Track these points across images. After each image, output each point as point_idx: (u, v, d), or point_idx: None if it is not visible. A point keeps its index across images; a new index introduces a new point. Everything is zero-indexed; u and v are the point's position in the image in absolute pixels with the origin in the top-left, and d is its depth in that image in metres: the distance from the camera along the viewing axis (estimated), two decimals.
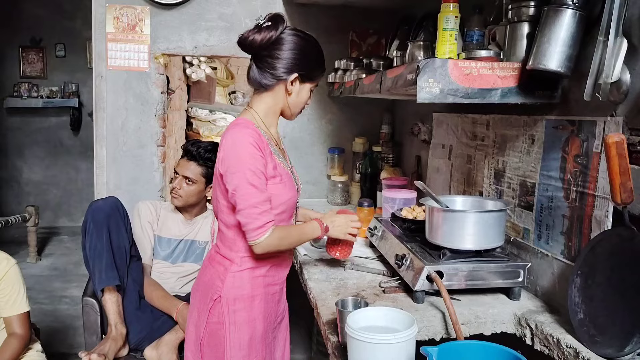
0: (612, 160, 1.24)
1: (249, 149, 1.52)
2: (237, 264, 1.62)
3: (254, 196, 1.50)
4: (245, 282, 1.62)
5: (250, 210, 1.50)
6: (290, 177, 1.67)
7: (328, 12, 3.02)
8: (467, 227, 1.65)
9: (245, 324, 1.63)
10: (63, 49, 6.50)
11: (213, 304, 1.63)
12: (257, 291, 1.64)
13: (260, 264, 1.64)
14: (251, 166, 1.51)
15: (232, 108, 5.17)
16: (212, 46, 2.95)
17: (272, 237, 1.53)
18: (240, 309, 1.62)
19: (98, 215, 2.18)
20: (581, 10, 1.42)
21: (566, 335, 1.41)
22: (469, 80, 1.52)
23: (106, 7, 2.81)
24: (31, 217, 5.14)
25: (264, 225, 1.51)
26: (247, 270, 1.62)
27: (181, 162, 2.34)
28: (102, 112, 2.89)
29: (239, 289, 1.62)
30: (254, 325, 1.64)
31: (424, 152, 2.67)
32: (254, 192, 1.50)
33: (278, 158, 1.64)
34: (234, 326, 1.61)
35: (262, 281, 1.66)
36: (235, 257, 1.62)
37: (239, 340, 1.62)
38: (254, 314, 1.64)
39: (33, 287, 4.27)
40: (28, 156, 6.56)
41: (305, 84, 1.64)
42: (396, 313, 1.26)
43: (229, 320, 1.61)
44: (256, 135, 1.55)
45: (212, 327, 1.64)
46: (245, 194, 1.50)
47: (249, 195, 1.50)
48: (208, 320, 1.64)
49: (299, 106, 1.68)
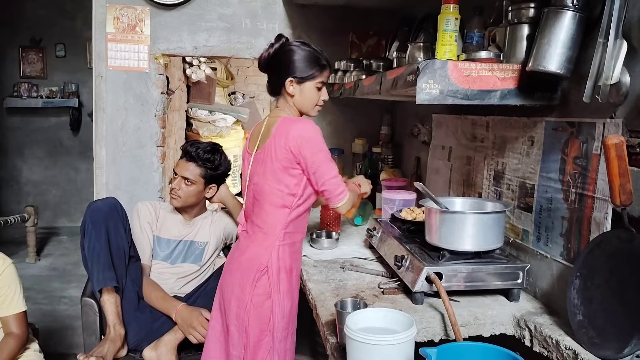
0: (611, 162, 1.24)
1: (321, 136, 1.78)
2: (280, 238, 1.79)
3: (335, 169, 1.78)
4: (286, 255, 1.80)
5: (334, 180, 1.76)
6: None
7: (328, 13, 3.02)
8: (466, 229, 1.65)
9: (288, 293, 1.80)
10: (63, 49, 6.50)
11: (260, 276, 1.77)
12: (294, 264, 1.84)
13: (296, 239, 1.85)
14: (325, 148, 1.78)
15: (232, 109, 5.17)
16: (212, 47, 2.95)
17: (349, 198, 1.81)
18: (283, 279, 1.79)
19: (96, 216, 2.17)
20: (581, 12, 1.42)
21: (565, 337, 1.41)
22: (469, 82, 1.52)
23: (106, 7, 2.81)
24: (30, 217, 5.13)
25: (344, 191, 1.79)
26: (288, 244, 1.81)
27: (180, 162, 2.34)
28: (101, 113, 2.89)
29: (283, 261, 1.79)
30: (292, 295, 1.82)
31: (424, 153, 2.68)
32: (334, 167, 1.78)
33: None
34: (279, 295, 1.78)
35: (297, 257, 1.87)
36: (280, 233, 1.79)
37: (283, 308, 1.78)
38: (292, 285, 1.83)
39: (32, 287, 4.27)
40: (28, 156, 6.55)
41: (304, 84, 1.81)
42: (395, 314, 1.25)
43: (274, 290, 1.77)
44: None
45: (257, 299, 1.77)
46: (329, 168, 1.76)
47: (332, 169, 1.77)
48: (254, 293, 1.77)
49: (309, 103, 1.85)
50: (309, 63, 1.81)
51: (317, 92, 1.84)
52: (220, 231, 2.45)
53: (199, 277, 2.38)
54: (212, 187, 2.38)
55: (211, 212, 2.51)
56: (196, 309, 2.18)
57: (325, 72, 1.84)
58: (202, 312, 2.16)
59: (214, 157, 2.33)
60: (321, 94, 1.86)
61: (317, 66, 1.81)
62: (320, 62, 1.82)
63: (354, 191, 1.93)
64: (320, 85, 1.84)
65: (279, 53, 1.83)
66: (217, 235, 2.44)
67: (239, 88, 6.17)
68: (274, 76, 1.86)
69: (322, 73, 1.83)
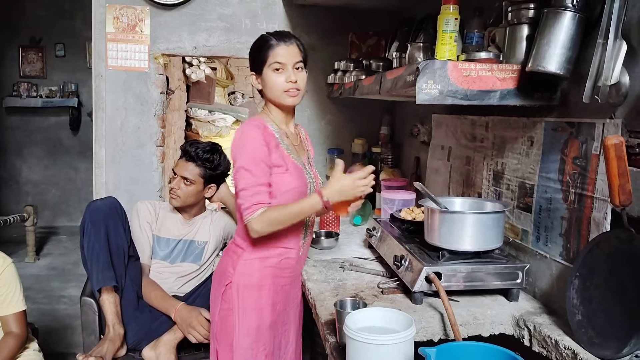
0: (610, 162, 1.24)
1: (251, 139, 1.64)
2: (247, 251, 1.72)
3: (248, 179, 1.61)
4: (254, 271, 1.72)
5: (243, 192, 1.62)
6: (298, 170, 1.74)
7: (328, 13, 3.02)
8: (465, 229, 1.65)
9: (253, 311, 1.72)
10: (63, 49, 6.50)
11: (225, 290, 1.74)
12: (265, 281, 1.73)
13: (271, 254, 1.73)
14: (250, 153, 1.63)
15: (232, 108, 5.16)
16: (212, 47, 2.95)
17: (262, 217, 1.60)
18: (248, 296, 1.71)
19: (96, 216, 2.18)
20: (581, 12, 1.42)
21: (564, 337, 1.41)
22: (468, 82, 1.52)
23: (106, 7, 2.81)
24: (30, 217, 5.13)
25: (252, 206, 1.60)
26: (258, 259, 1.72)
27: (179, 162, 2.34)
28: (101, 112, 2.89)
29: (249, 277, 1.72)
30: (261, 313, 1.73)
31: (423, 153, 2.68)
32: (248, 176, 1.61)
33: (287, 151, 1.73)
34: (243, 311, 1.71)
35: (271, 272, 1.74)
36: (246, 246, 1.72)
37: (247, 326, 1.71)
38: (261, 303, 1.73)
39: (31, 287, 4.27)
40: (27, 156, 6.56)
41: (262, 73, 1.71)
42: (394, 314, 1.26)
43: (237, 305, 1.71)
44: (262, 127, 1.67)
45: (223, 314, 1.74)
46: (241, 177, 1.62)
47: (244, 178, 1.62)
48: (221, 307, 1.75)
49: (274, 91, 1.71)
50: (258, 50, 1.71)
51: (277, 76, 1.68)
52: (219, 231, 2.45)
53: (199, 276, 2.38)
54: (212, 187, 2.38)
55: (211, 212, 2.51)
56: (195, 309, 2.18)
57: (276, 49, 1.67)
58: (201, 312, 2.16)
59: (214, 157, 2.33)
60: (285, 75, 1.67)
61: (265, 48, 1.68)
62: (267, 43, 1.68)
63: (300, 209, 1.63)
64: (278, 66, 1.67)
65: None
66: (217, 235, 2.44)
67: (238, 88, 6.16)
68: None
69: (273, 52, 1.67)
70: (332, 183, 1.64)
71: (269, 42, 1.69)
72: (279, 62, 1.67)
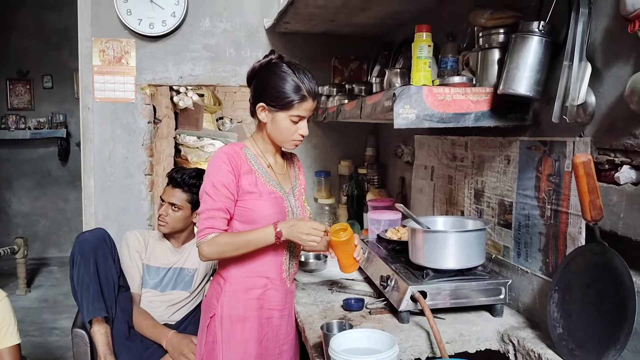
0: (580, 180, 1.29)
1: (217, 164, 1.65)
2: (229, 282, 1.71)
3: (206, 203, 1.64)
4: (239, 303, 1.70)
5: (200, 216, 1.65)
6: (275, 197, 1.71)
7: (310, 39, 3.09)
8: (448, 247, 1.69)
9: (237, 345, 1.69)
10: (50, 80, 6.55)
11: (209, 322, 1.72)
12: (250, 313, 1.71)
13: (255, 285, 1.71)
14: (213, 178, 1.64)
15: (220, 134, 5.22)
16: (198, 76, 3.00)
17: (212, 242, 1.62)
18: (232, 328, 1.69)
19: (85, 247, 2.20)
20: (547, 36, 1.49)
21: (547, 350, 1.45)
22: (444, 106, 1.58)
23: (92, 40, 2.86)
24: (20, 249, 5.12)
25: (204, 229, 1.63)
26: (241, 290, 1.70)
27: (167, 189, 2.38)
28: (89, 144, 2.92)
29: (233, 309, 1.70)
30: (245, 346, 1.70)
31: (408, 173, 2.73)
32: (207, 199, 1.64)
33: (263, 178, 1.71)
34: (227, 345, 1.69)
35: (256, 304, 1.72)
36: (227, 275, 1.72)
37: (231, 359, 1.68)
38: (246, 336, 1.70)
39: (23, 320, 4.23)
40: (16, 188, 6.55)
41: (277, 113, 1.65)
42: (378, 334, 1.29)
43: (221, 338, 1.69)
44: (232, 153, 1.67)
45: (209, 347, 1.72)
46: (202, 201, 1.66)
47: (203, 202, 1.65)
48: (206, 339, 1.73)
49: (280, 135, 1.69)
50: (285, 91, 1.62)
51: (291, 125, 1.66)
52: None
53: (189, 304, 2.40)
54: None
55: None
56: (187, 337, 2.20)
57: (304, 104, 1.64)
58: (192, 340, 2.17)
59: (200, 182, 2.36)
60: (298, 127, 1.67)
61: (295, 97, 1.62)
62: (299, 93, 1.63)
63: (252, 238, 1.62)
64: (297, 119, 1.65)
65: (262, 71, 1.68)
66: (206, 262, 2.46)
67: (226, 113, 6.24)
68: (251, 96, 1.71)
69: (301, 105, 1.63)
70: (293, 220, 1.67)
71: (302, 93, 1.63)
72: (300, 116, 1.66)
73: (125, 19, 2.82)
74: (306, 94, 1.64)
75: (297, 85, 1.64)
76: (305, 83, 1.65)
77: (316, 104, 1.72)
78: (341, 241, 1.67)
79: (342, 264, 1.73)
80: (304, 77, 1.65)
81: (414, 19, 2.48)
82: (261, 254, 1.69)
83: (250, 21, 3.01)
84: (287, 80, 1.63)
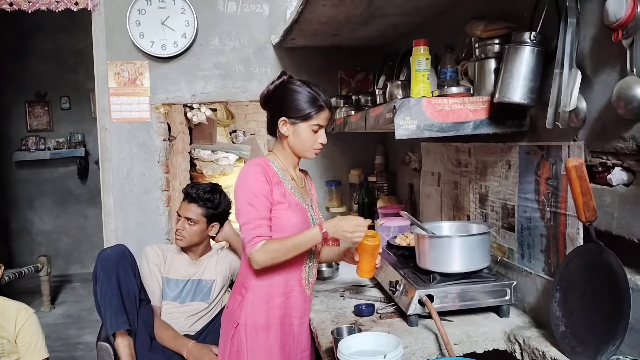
0: (573, 183, 1.35)
1: (254, 176, 1.73)
2: (251, 291, 1.78)
3: (250, 213, 1.70)
4: (261, 312, 1.77)
5: (245, 226, 1.70)
6: (300, 207, 1.81)
7: (317, 53, 3.17)
8: (453, 251, 1.75)
9: (262, 353, 1.76)
10: (68, 102, 6.71)
11: (234, 332, 1.78)
12: (273, 321, 1.78)
13: (276, 294, 1.78)
14: (252, 188, 1.71)
15: (234, 146, 5.32)
16: (209, 93, 3.10)
17: (263, 249, 1.68)
18: (256, 337, 1.76)
19: (107, 264, 2.29)
20: (539, 46, 1.55)
21: (550, 348, 1.50)
22: (443, 116, 1.65)
23: (107, 64, 2.98)
24: (43, 267, 5.25)
25: (254, 238, 1.68)
26: (263, 300, 1.77)
27: (183, 204, 2.47)
28: (107, 163, 3.04)
29: (256, 318, 1.77)
30: (270, 355, 1.77)
31: (416, 180, 2.79)
32: (251, 210, 1.70)
33: (290, 190, 1.81)
34: (252, 353, 1.76)
35: (278, 312, 1.79)
36: (250, 285, 1.78)
37: None
38: (270, 344, 1.77)
39: (48, 336, 4.28)
40: (38, 207, 6.71)
41: (298, 125, 1.77)
42: (383, 337, 1.35)
43: (246, 347, 1.76)
44: (264, 165, 1.77)
45: (233, 356, 1.78)
46: (244, 212, 1.71)
47: (247, 212, 1.70)
48: (230, 349, 1.79)
49: (303, 145, 1.80)
50: (304, 103, 1.75)
51: (312, 134, 1.78)
52: (226, 268, 2.55)
53: (208, 314, 2.48)
54: (215, 225, 2.50)
55: (217, 251, 2.62)
56: (206, 346, 2.28)
57: (322, 113, 1.77)
58: (212, 349, 2.25)
59: (214, 196, 2.46)
60: (318, 136, 1.79)
61: (314, 107, 1.75)
62: (317, 103, 1.76)
63: (300, 240, 1.70)
64: (317, 127, 1.78)
65: (277, 91, 1.80)
66: (224, 273, 2.54)
67: (239, 126, 6.35)
68: (270, 115, 1.83)
69: (319, 115, 1.76)
70: (336, 219, 1.74)
71: (319, 103, 1.76)
72: (320, 125, 1.78)
73: (138, 42, 2.94)
74: (323, 104, 1.78)
75: (313, 97, 1.77)
76: (321, 95, 1.79)
77: (331, 114, 1.84)
78: (371, 245, 1.74)
79: (363, 268, 1.79)
80: (318, 90, 1.80)
81: (415, 30, 2.56)
82: (282, 263, 1.75)
83: (258, 38, 3.11)
84: (303, 94, 1.77)
